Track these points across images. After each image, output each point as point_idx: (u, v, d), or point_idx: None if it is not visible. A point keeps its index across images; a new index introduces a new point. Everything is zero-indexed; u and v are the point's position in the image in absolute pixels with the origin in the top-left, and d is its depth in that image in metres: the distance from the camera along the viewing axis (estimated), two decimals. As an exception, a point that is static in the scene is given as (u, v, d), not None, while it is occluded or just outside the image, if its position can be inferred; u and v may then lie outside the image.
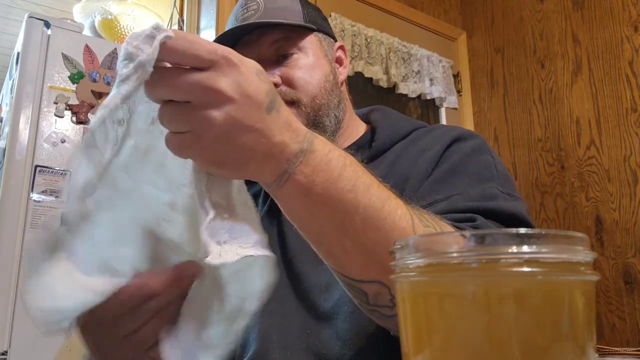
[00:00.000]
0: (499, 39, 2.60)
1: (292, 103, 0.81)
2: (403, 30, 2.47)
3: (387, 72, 2.33)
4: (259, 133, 0.43)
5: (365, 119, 0.93)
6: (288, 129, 0.45)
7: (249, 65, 0.44)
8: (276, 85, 0.80)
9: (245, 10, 0.82)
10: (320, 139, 0.48)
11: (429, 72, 2.48)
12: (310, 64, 0.83)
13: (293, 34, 0.83)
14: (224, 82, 0.41)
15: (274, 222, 0.85)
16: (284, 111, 0.45)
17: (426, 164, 0.73)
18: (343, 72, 0.91)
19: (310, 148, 0.46)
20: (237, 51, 0.86)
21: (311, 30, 0.85)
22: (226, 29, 0.84)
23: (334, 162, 0.47)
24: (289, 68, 0.82)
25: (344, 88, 0.92)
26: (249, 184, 1.04)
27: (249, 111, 0.42)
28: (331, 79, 0.86)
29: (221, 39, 0.81)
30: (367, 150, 0.83)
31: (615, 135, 2.10)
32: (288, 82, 0.81)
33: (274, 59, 0.82)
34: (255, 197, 0.92)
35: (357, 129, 0.90)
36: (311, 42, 0.85)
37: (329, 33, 0.90)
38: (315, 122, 0.82)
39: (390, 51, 2.35)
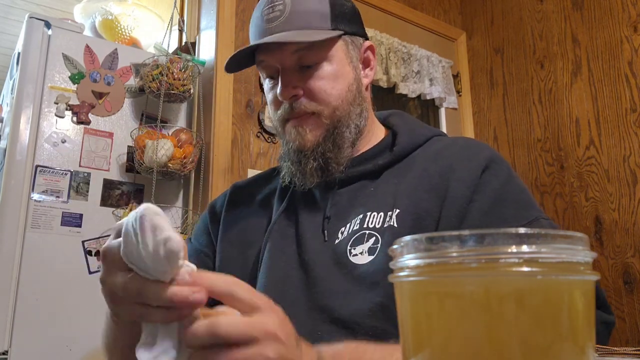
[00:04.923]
0: (499, 39, 2.60)
1: (312, 114, 0.80)
2: (403, 31, 2.47)
3: (387, 72, 2.32)
4: None
5: (384, 122, 0.93)
6: (310, 352, 0.53)
7: (280, 309, 0.50)
8: (297, 96, 0.80)
9: (270, 10, 0.80)
10: (328, 352, 0.56)
11: (428, 73, 2.48)
12: (333, 73, 0.81)
13: (317, 42, 0.79)
14: (271, 325, 0.46)
15: (291, 222, 0.85)
16: (301, 342, 0.52)
17: (463, 188, 0.75)
18: (369, 75, 0.88)
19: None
20: (260, 56, 0.84)
21: (338, 36, 0.82)
22: (251, 24, 0.84)
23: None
24: (310, 79, 0.80)
25: (368, 92, 0.90)
26: (267, 180, 1.02)
27: (292, 347, 0.48)
28: (354, 88, 0.84)
29: (246, 44, 0.82)
30: (388, 154, 0.84)
31: (615, 135, 2.10)
32: (309, 93, 0.80)
33: (296, 67, 0.81)
34: (271, 194, 0.92)
35: (376, 133, 0.90)
36: (336, 50, 0.82)
37: (358, 32, 0.87)
38: (334, 134, 0.81)
39: (390, 51, 2.35)
